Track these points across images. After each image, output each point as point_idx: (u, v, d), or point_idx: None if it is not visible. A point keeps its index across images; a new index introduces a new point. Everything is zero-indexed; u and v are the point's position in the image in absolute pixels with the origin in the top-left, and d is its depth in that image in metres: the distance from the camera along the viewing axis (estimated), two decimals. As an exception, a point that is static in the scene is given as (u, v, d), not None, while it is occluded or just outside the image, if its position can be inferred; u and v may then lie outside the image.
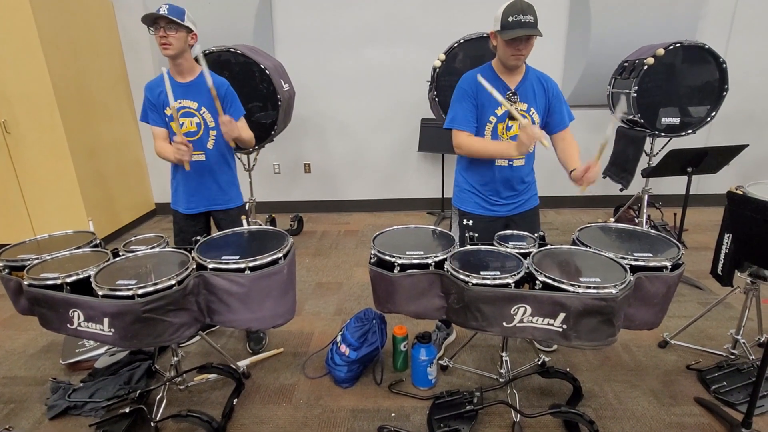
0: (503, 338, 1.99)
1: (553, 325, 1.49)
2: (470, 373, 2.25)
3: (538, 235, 1.89)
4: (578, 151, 1.97)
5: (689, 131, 3.29)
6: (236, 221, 2.32)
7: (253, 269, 1.64)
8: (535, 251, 1.71)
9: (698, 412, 1.97)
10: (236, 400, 2.05)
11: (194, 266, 1.67)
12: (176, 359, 2.03)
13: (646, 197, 3.49)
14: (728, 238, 1.96)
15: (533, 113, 1.95)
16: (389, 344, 2.32)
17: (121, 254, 1.81)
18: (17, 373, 2.35)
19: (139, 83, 4.42)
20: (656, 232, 1.86)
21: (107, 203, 4.11)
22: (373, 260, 1.75)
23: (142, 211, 4.69)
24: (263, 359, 2.39)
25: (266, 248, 1.72)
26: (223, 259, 1.66)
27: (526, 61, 1.93)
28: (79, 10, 3.75)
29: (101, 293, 1.50)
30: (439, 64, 3.39)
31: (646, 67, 3.08)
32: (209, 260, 1.66)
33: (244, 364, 2.29)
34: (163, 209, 4.91)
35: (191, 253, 1.75)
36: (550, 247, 1.77)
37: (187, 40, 2.11)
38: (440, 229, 1.97)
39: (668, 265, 1.58)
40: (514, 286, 1.52)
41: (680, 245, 1.69)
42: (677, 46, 3.09)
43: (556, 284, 1.48)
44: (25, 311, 1.77)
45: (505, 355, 2.01)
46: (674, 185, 4.22)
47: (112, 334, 1.52)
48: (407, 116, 4.51)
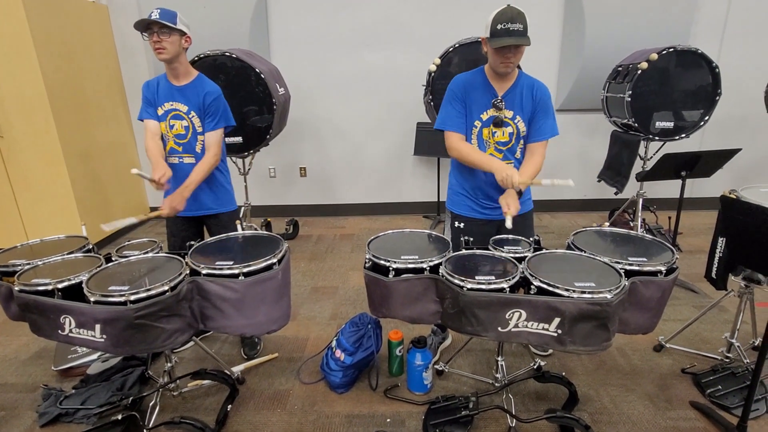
0: (499, 343, 1.99)
1: (548, 329, 1.49)
2: (466, 377, 2.24)
3: (533, 239, 1.89)
4: (537, 168, 1.93)
5: (683, 135, 3.31)
6: (228, 227, 2.31)
7: (247, 275, 1.63)
8: (530, 255, 1.71)
9: (694, 415, 1.97)
10: (230, 406, 2.04)
11: (188, 272, 1.66)
12: (170, 365, 2.01)
13: (640, 201, 3.50)
14: (722, 241, 1.96)
15: (518, 121, 1.94)
16: (384, 349, 2.31)
17: (114, 259, 1.80)
18: (8, 379, 2.33)
19: (133, 86, 4.40)
20: (651, 236, 1.87)
21: (101, 207, 4.07)
22: (368, 265, 1.74)
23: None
24: (258, 365, 2.37)
25: (260, 253, 1.72)
26: (216, 264, 1.65)
27: (520, 65, 1.94)
28: (73, 13, 3.74)
29: (93, 299, 1.48)
30: (434, 68, 3.41)
31: (640, 71, 3.10)
32: (203, 265, 1.65)
33: (238, 369, 2.27)
34: (157, 213, 4.88)
35: (185, 258, 1.74)
36: (545, 251, 1.77)
37: (181, 43, 2.10)
38: (435, 233, 1.97)
39: (663, 269, 1.59)
40: (509, 290, 1.52)
41: (675, 249, 1.69)
42: (670, 50, 3.11)
43: (551, 289, 1.48)
44: (16, 317, 1.75)
45: (500, 359, 2.01)
46: (668, 189, 4.25)
47: (104, 340, 1.50)
48: (403, 120, 4.52)
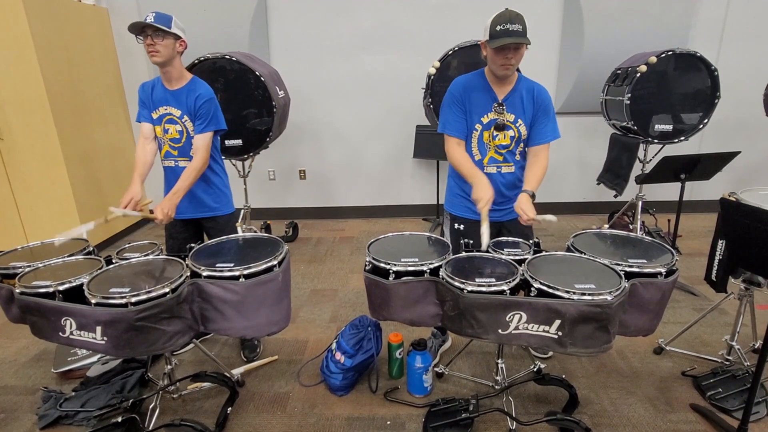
0: (499, 345, 1.99)
1: (548, 332, 1.49)
2: (466, 380, 2.24)
3: (532, 241, 1.89)
4: (543, 171, 1.96)
5: (682, 138, 3.32)
6: (225, 230, 2.30)
7: (247, 277, 1.63)
8: (530, 258, 1.72)
9: (694, 418, 1.97)
10: (230, 408, 2.03)
11: (188, 274, 1.66)
12: (170, 367, 2.00)
13: (640, 203, 3.51)
14: (722, 244, 1.97)
15: (520, 124, 1.95)
16: (384, 351, 2.31)
17: (114, 261, 1.80)
18: (8, 382, 2.32)
19: (133, 89, 4.40)
20: (650, 238, 1.87)
21: (101, 210, 4.07)
22: (368, 267, 1.74)
23: (135, 218, 4.66)
24: (257, 367, 2.37)
25: (261, 255, 1.72)
26: (217, 266, 1.65)
27: (519, 68, 1.94)
28: (73, 15, 3.75)
29: (94, 301, 1.48)
30: (433, 71, 3.41)
31: (638, 74, 3.11)
32: (203, 267, 1.65)
33: (238, 372, 2.27)
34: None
35: (185, 260, 1.74)
36: (545, 253, 1.77)
37: (175, 46, 2.09)
38: (435, 236, 1.97)
39: (663, 271, 1.59)
40: (509, 293, 1.52)
41: (674, 251, 1.70)
42: (669, 54, 3.13)
43: (551, 291, 1.48)
44: (16, 319, 1.75)
45: (500, 362, 2.01)
46: (668, 192, 4.25)
47: (104, 342, 1.50)
48: (402, 123, 4.53)
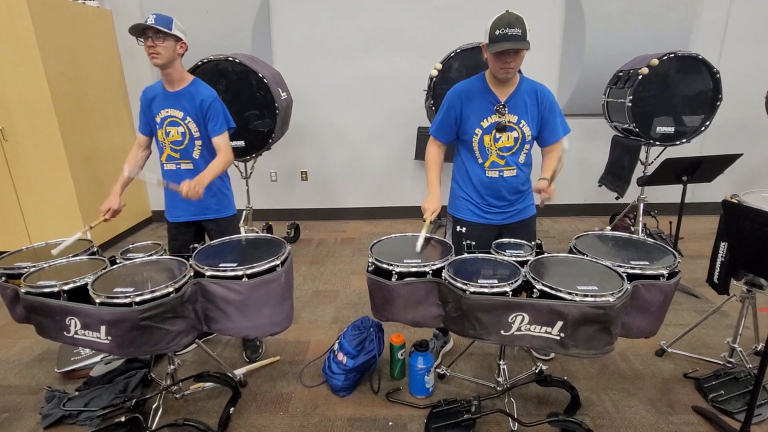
0: (501, 346, 1.99)
1: (550, 333, 1.49)
2: (467, 381, 2.24)
3: (534, 243, 1.90)
4: (557, 157, 1.95)
5: (684, 140, 3.32)
6: (227, 232, 2.29)
7: (250, 276, 1.64)
8: (532, 259, 1.72)
9: (696, 420, 1.97)
10: (233, 408, 2.04)
11: (192, 273, 1.67)
12: (172, 367, 2.01)
13: (641, 206, 3.51)
14: (724, 246, 1.97)
15: (523, 125, 1.94)
16: (386, 352, 2.32)
17: (118, 262, 1.81)
18: (11, 381, 2.33)
19: (136, 91, 4.37)
20: (653, 240, 1.88)
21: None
22: (370, 268, 1.75)
23: (138, 218, 4.69)
24: (260, 367, 2.37)
25: (264, 255, 1.73)
26: (220, 266, 1.66)
27: (521, 70, 1.95)
28: (77, 17, 3.77)
29: (98, 301, 1.49)
30: (435, 73, 3.43)
31: (640, 76, 3.12)
32: (207, 267, 1.66)
33: (240, 372, 2.28)
34: (159, 217, 4.90)
35: (189, 260, 1.75)
36: (547, 255, 1.78)
37: (175, 48, 2.09)
38: (437, 237, 1.98)
39: (665, 273, 1.59)
40: (511, 294, 1.53)
41: (676, 253, 1.70)
42: (671, 56, 3.13)
43: (553, 292, 1.48)
44: (21, 319, 1.77)
45: (502, 363, 2.01)
46: (669, 194, 4.25)
47: (109, 342, 1.51)
48: (404, 125, 4.54)
